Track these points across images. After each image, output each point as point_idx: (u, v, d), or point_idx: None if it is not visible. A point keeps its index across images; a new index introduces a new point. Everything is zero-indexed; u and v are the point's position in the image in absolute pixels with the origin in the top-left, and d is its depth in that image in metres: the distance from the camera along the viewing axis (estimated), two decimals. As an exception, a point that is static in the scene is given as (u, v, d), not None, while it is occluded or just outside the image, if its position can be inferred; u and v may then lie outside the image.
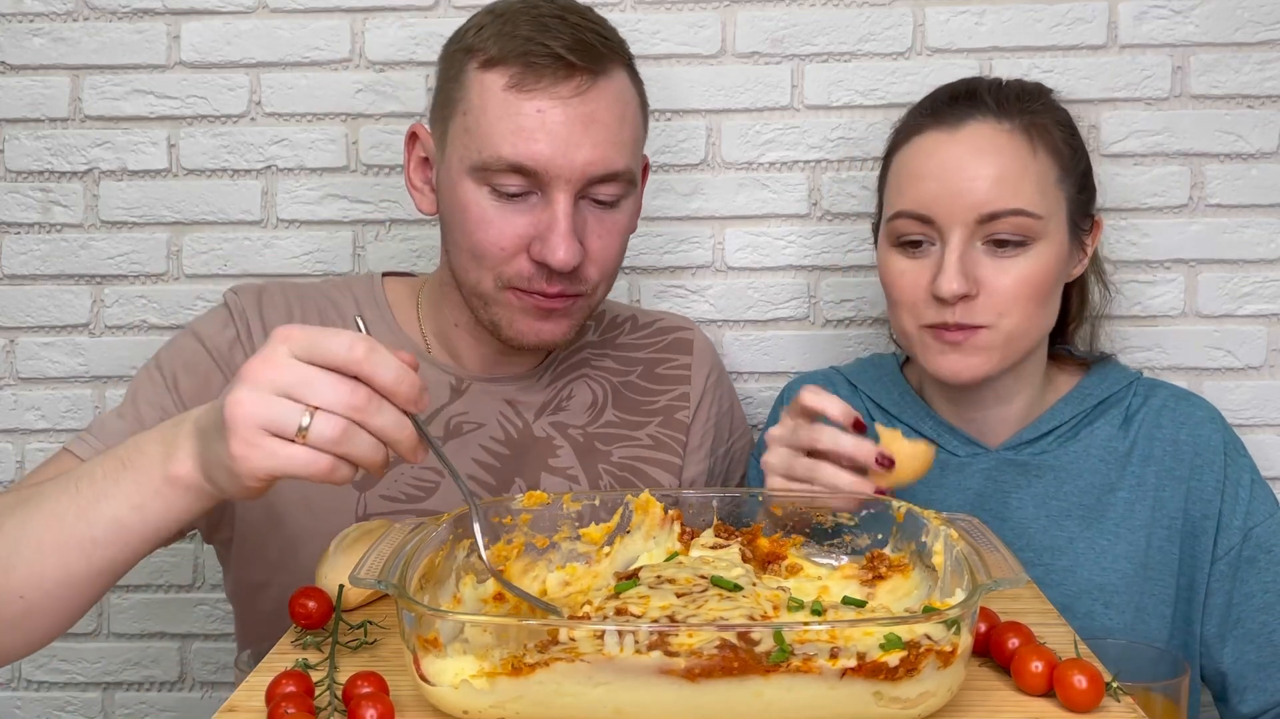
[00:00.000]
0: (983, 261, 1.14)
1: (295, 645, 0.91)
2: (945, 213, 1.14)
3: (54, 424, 1.58)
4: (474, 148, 1.12)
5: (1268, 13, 1.49)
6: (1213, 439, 1.23)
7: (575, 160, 1.10)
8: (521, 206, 1.12)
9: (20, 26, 1.54)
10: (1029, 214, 1.13)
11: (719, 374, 1.38)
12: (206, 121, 1.55)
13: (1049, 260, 1.15)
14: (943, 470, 1.26)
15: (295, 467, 0.81)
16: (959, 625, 0.74)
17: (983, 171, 1.13)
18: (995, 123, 1.15)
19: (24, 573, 0.91)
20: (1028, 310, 1.15)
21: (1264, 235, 1.51)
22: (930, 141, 1.17)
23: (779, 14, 1.52)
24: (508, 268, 1.14)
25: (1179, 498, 1.21)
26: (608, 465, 1.26)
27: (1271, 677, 1.20)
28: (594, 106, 1.11)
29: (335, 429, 0.80)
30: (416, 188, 1.23)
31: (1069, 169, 1.18)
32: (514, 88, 1.10)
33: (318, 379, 0.80)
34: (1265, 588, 1.20)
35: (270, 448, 0.81)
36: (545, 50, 1.09)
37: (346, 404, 0.80)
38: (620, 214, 1.18)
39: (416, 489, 1.20)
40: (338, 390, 0.80)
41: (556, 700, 0.74)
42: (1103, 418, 1.25)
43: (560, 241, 1.10)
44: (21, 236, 1.56)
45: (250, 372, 0.81)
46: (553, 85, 1.10)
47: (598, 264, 1.16)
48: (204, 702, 1.62)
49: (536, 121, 1.09)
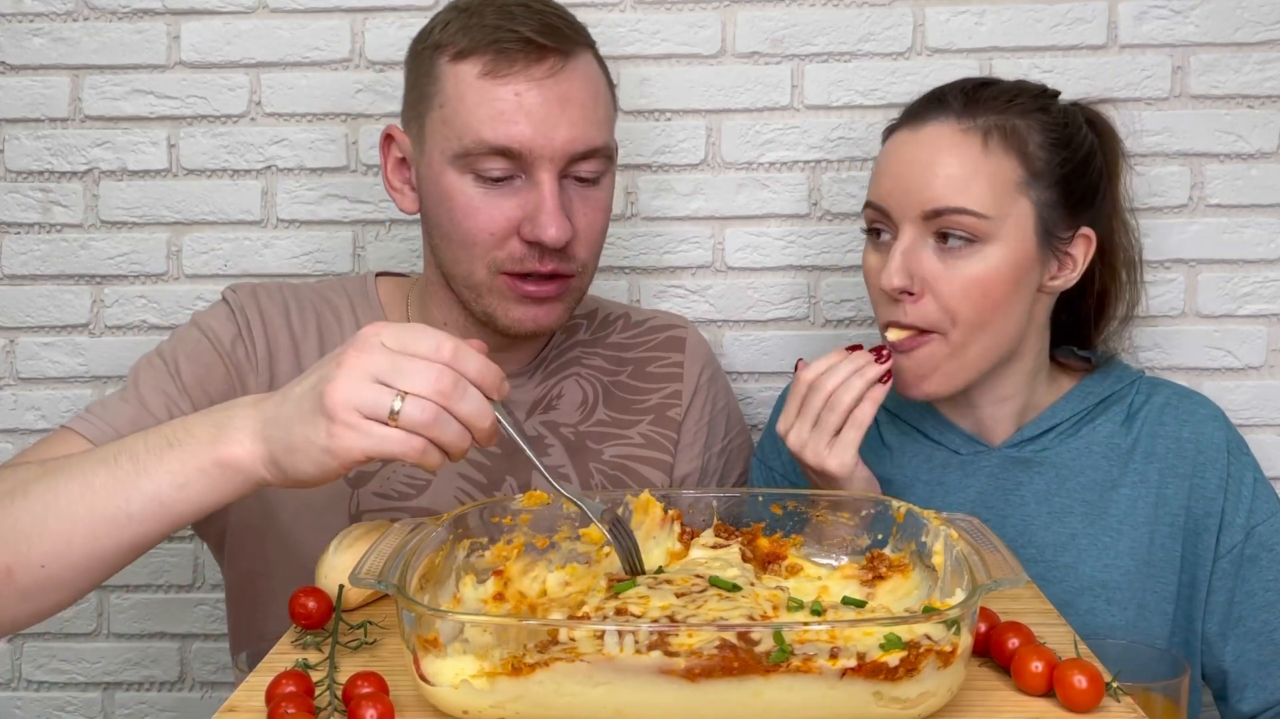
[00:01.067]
0: (930, 259, 1.15)
1: (295, 645, 0.91)
2: (897, 207, 1.17)
3: (54, 424, 1.58)
4: (454, 137, 1.14)
5: (1268, 13, 1.49)
6: (1216, 437, 1.23)
7: (556, 139, 1.13)
8: (507, 191, 1.14)
9: (20, 26, 1.54)
10: (974, 214, 1.13)
11: (713, 372, 1.37)
12: (206, 121, 1.55)
13: (1000, 263, 1.14)
14: (946, 468, 1.27)
15: (389, 446, 0.85)
16: (959, 625, 0.74)
17: (934, 170, 1.15)
18: (955, 123, 1.16)
19: (50, 543, 0.92)
20: (980, 315, 1.14)
21: (1264, 235, 1.51)
22: (897, 140, 1.21)
23: (779, 14, 1.52)
24: (499, 252, 1.15)
25: (1182, 495, 1.21)
26: (599, 464, 1.27)
27: (1272, 675, 1.20)
28: (568, 86, 1.14)
29: (426, 413, 0.85)
30: (396, 189, 1.24)
31: (1040, 173, 1.16)
32: (488, 74, 1.13)
33: (409, 366, 0.86)
34: (1267, 586, 1.20)
35: (366, 428, 0.85)
36: (515, 35, 1.12)
37: (435, 389, 0.85)
38: (601, 191, 1.20)
39: (408, 487, 1.20)
40: (427, 376, 0.85)
41: (556, 700, 0.74)
42: (1104, 415, 1.26)
43: (550, 219, 1.12)
44: (21, 236, 1.56)
45: (347, 359, 0.86)
46: (526, 68, 1.12)
47: (585, 241, 1.18)
48: (204, 702, 1.62)
49: (514, 104, 1.12)
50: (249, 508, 1.19)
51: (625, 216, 1.55)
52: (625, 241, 1.56)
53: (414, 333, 0.87)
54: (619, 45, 1.52)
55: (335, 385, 0.85)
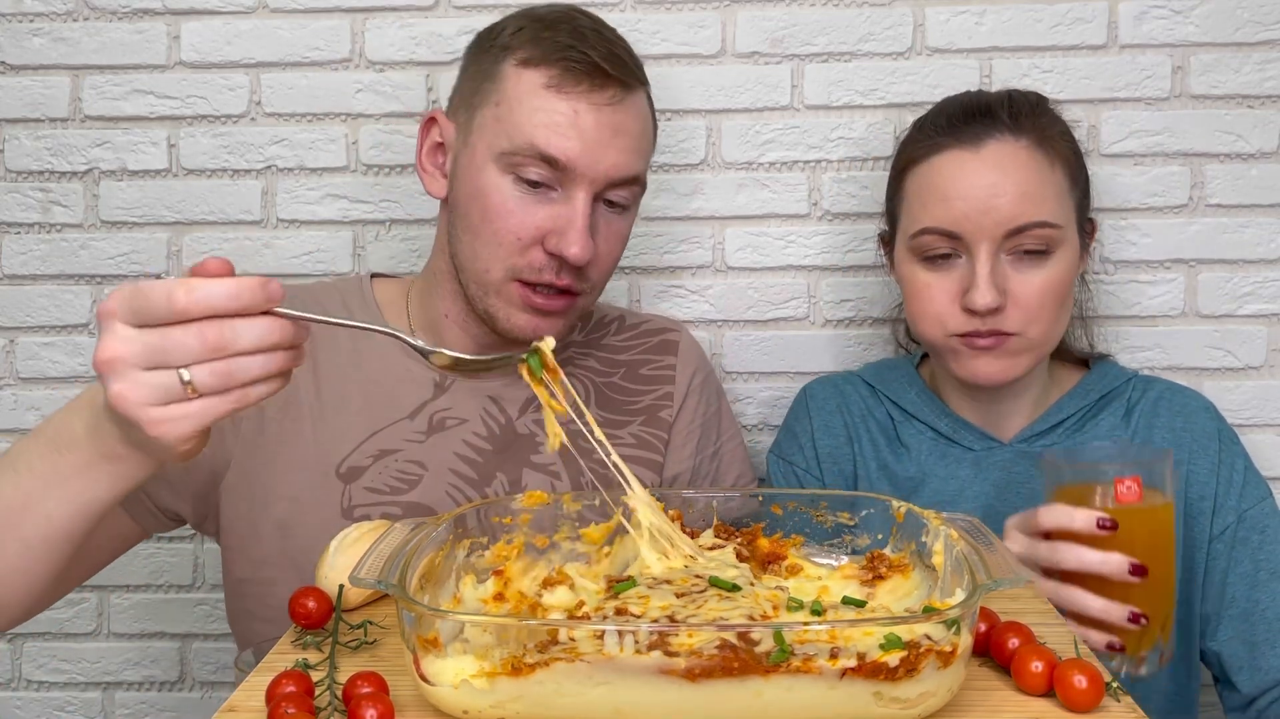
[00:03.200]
0: (1009, 273, 1.20)
1: (295, 645, 0.91)
2: (974, 229, 1.19)
3: (54, 424, 1.58)
4: (504, 135, 1.16)
5: (1268, 13, 1.49)
6: (1207, 426, 1.29)
7: (601, 162, 1.16)
8: (542, 200, 1.17)
9: (20, 26, 1.54)
10: (1052, 225, 1.19)
11: (706, 376, 1.38)
12: (206, 121, 1.55)
13: (1068, 265, 1.22)
14: (960, 463, 1.31)
15: (211, 416, 0.82)
16: (959, 625, 0.74)
17: (1008, 189, 1.18)
18: (1014, 139, 1.20)
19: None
20: (1053, 315, 1.21)
21: (1264, 235, 1.51)
22: (953, 161, 1.21)
23: (779, 14, 1.52)
24: (520, 258, 1.17)
25: (1178, 481, 1.26)
26: (590, 463, 1.27)
27: (1264, 655, 1.24)
28: (623, 117, 1.18)
29: (216, 373, 0.80)
30: (427, 171, 1.25)
31: (1076, 177, 1.24)
32: (552, 87, 1.15)
33: (163, 341, 0.80)
34: (1258, 566, 1.25)
35: (175, 413, 0.81)
36: (584, 58, 1.16)
37: (207, 348, 0.80)
38: (625, 221, 1.24)
39: (400, 482, 1.21)
40: (189, 343, 0.80)
41: (556, 700, 0.74)
42: (1105, 410, 1.31)
43: (578, 236, 1.15)
44: (21, 236, 1.56)
45: (106, 365, 0.81)
46: (589, 91, 1.16)
47: (602, 265, 1.21)
48: (204, 702, 1.62)
49: (570, 120, 1.15)
50: (240, 507, 1.19)
51: (625, 216, 1.55)
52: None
53: (140, 300, 0.80)
54: (619, 45, 1.52)
55: (118, 395, 0.81)
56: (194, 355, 0.80)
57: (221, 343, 0.80)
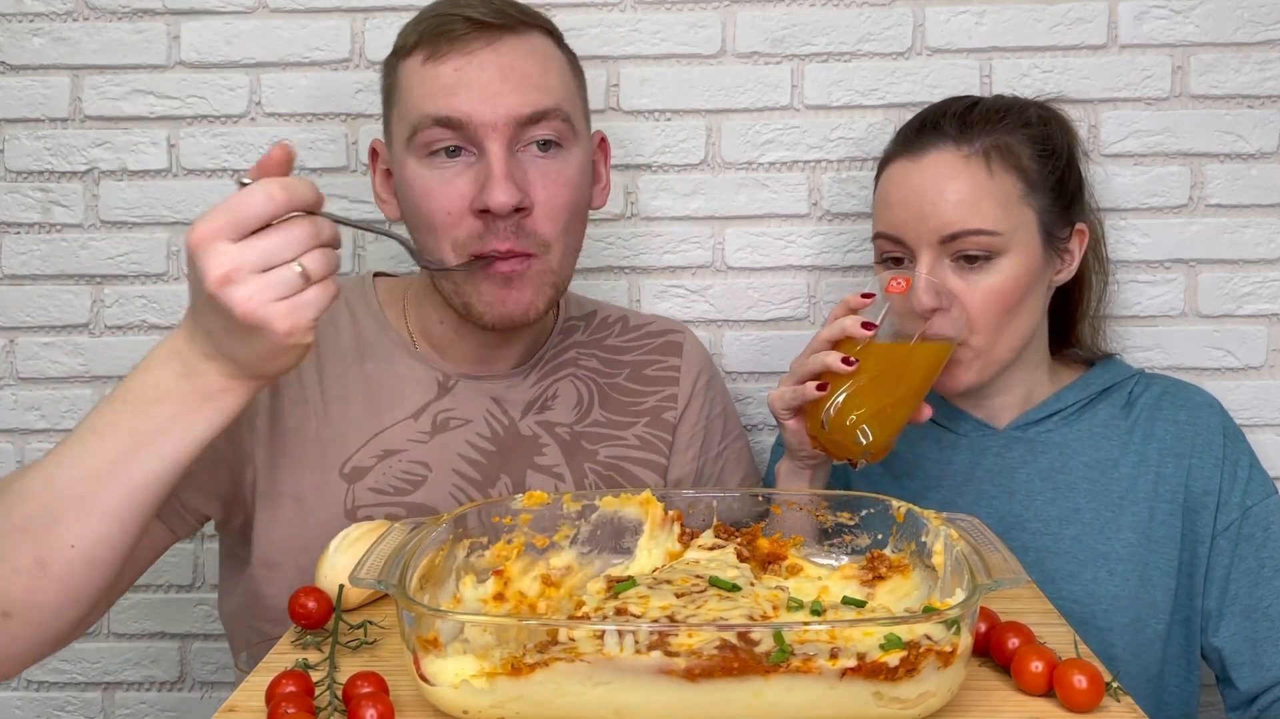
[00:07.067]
0: (951, 277, 1.22)
1: (295, 645, 0.91)
2: (913, 235, 1.23)
3: (54, 424, 1.58)
4: (406, 123, 1.16)
5: (1268, 13, 1.49)
6: (1212, 421, 1.29)
7: (498, 107, 1.13)
8: (459, 168, 1.15)
9: (20, 26, 1.54)
10: (988, 232, 1.20)
11: (710, 377, 1.38)
12: (206, 121, 1.55)
13: (1016, 272, 1.22)
14: (955, 449, 1.33)
15: (324, 302, 0.90)
16: (959, 625, 0.74)
17: (944, 196, 1.21)
18: (954, 149, 1.23)
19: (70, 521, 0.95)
20: (997, 320, 1.22)
21: (1264, 235, 1.51)
22: (899, 170, 1.26)
23: (779, 14, 1.52)
24: (459, 231, 1.15)
25: (1180, 474, 1.26)
26: (593, 464, 1.27)
27: (1265, 652, 1.24)
28: (510, 56, 1.14)
29: (320, 260, 0.90)
30: (384, 200, 1.26)
31: (1036, 184, 1.23)
32: (430, 58, 1.15)
33: (277, 241, 0.88)
34: (1261, 563, 1.25)
35: (300, 302, 0.89)
36: (457, 18, 1.15)
37: (309, 238, 0.89)
38: (564, 164, 1.17)
39: (404, 482, 1.20)
40: (298, 236, 0.88)
41: (556, 701, 0.74)
42: (1105, 402, 1.32)
43: (495, 183, 1.12)
44: (21, 236, 1.56)
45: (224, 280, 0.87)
46: (465, 45, 1.14)
47: (547, 215, 1.16)
48: (204, 702, 1.62)
49: (455, 79, 1.13)
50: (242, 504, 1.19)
51: (625, 216, 1.55)
52: (625, 241, 1.56)
53: (237, 213, 0.87)
54: (619, 45, 1.52)
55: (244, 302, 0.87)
56: (303, 245, 0.88)
57: (317, 233, 0.89)
